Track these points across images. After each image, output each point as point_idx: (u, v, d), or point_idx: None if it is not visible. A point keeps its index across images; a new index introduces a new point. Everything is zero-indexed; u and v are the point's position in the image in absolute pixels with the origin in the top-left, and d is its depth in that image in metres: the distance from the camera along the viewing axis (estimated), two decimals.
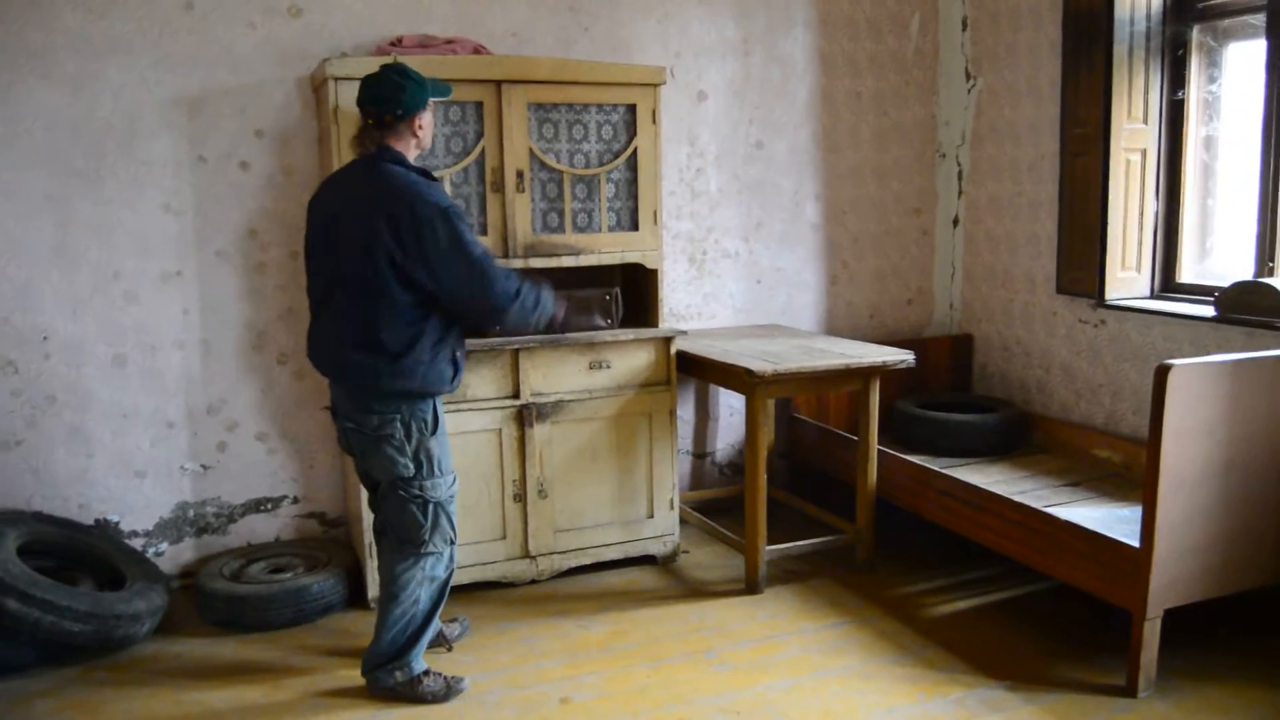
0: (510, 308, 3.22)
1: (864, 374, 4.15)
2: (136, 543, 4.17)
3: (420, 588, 3.31)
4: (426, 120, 3.25)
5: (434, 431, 3.25)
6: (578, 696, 3.34)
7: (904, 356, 4.15)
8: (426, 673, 3.35)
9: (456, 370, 3.28)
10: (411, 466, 3.21)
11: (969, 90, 5.23)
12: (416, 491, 3.22)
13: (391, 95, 3.15)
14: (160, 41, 4.00)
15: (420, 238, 3.05)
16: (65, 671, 3.54)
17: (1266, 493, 3.33)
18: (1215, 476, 3.20)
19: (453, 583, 4.01)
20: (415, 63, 3.84)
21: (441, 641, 3.65)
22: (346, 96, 3.78)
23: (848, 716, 3.18)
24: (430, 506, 3.25)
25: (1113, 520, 3.60)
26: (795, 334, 4.74)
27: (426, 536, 3.26)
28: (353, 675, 3.45)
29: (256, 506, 4.33)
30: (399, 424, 3.18)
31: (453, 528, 3.35)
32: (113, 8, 3.92)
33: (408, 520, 3.25)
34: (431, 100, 3.26)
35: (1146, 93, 4.36)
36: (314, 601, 3.87)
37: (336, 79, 3.77)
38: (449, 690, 3.33)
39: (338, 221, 3.15)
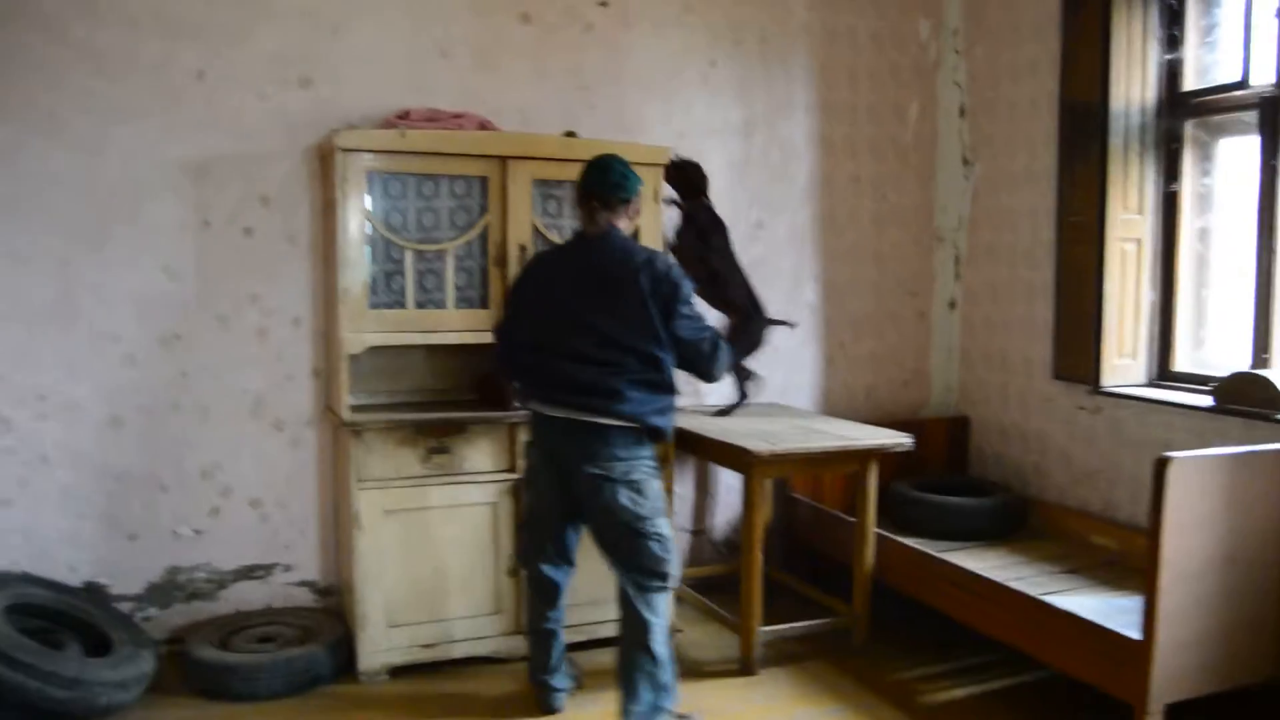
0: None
1: (862, 456, 4.16)
2: (125, 607, 4.11)
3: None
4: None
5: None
6: None
7: (902, 440, 4.16)
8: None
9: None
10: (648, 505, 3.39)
11: (966, 176, 5.31)
12: (651, 528, 3.36)
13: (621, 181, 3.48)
14: (171, 108, 4.04)
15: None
16: None
17: (1267, 586, 3.32)
18: (1216, 569, 3.19)
19: (444, 657, 4.01)
20: (422, 136, 3.91)
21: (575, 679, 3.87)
22: (354, 168, 3.83)
23: None
24: (666, 540, 3.41)
25: (1111, 610, 3.57)
26: (794, 413, 4.75)
27: (669, 569, 3.42)
28: None
29: (248, 573, 4.28)
30: (645, 466, 3.40)
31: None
32: (126, 73, 3.97)
33: (651, 558, 3.37)
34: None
35: (1141, 184, 4.43)
36: (303, 673, 3.82)
37: (345, 150, 3.81)
38: None
39: (592, 281, 3.40)
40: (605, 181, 3.44)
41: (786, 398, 5.14)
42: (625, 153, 4.12)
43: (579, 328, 3.36)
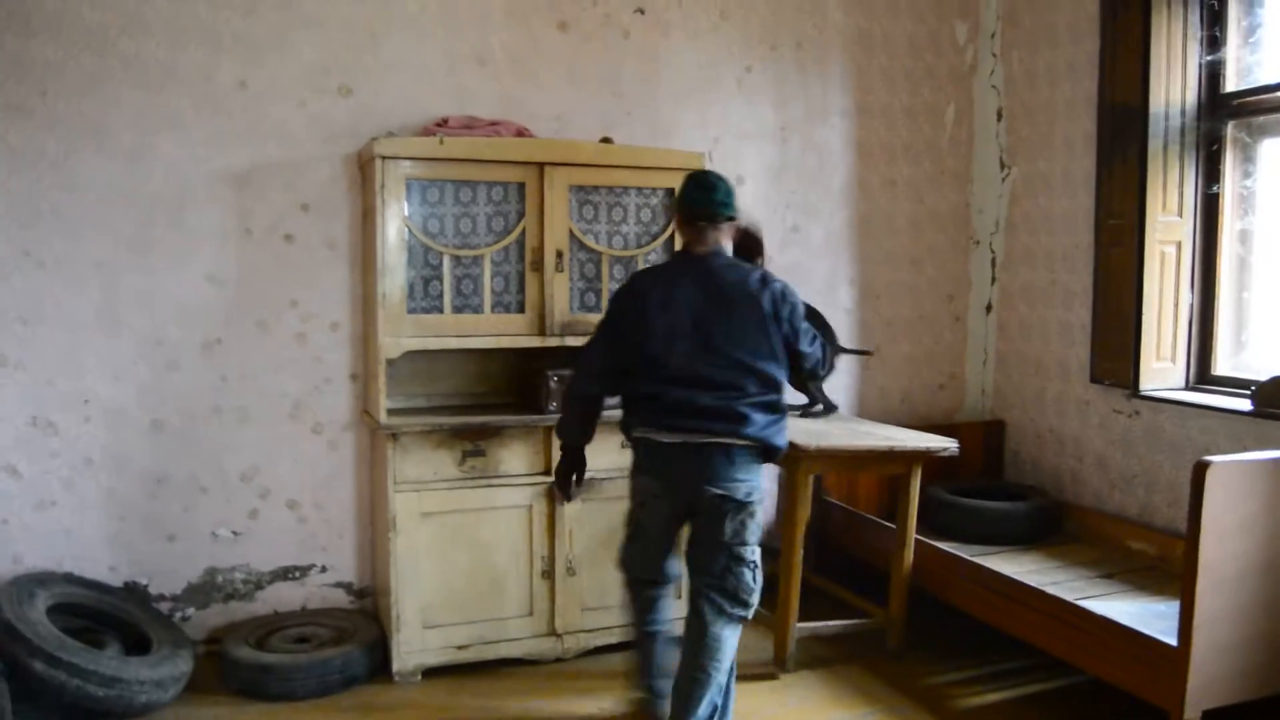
0: None
1: (906, 459, 4.14)
2: (164, 606, 4.18)
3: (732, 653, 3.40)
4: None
5: None
6: None
7: (948, 444, 4.13)
8: None
9: None
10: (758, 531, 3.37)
11: (1003, 179, 5.28)
12: (750, 555, 3.32)
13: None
14: (213, 117, 4.11)
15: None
16: None
17: None
18: (1254, 575, 3.15)
19: (478, 659, 4.04)
20: (460, 144, 3.95)
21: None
22: (393, 175, 3.87)
23: None
24: (759, 570, 3.36)
25: (1148, 615, 3.54)
26: (835, 416, 4.73)
27: (754, 600, 3.36)
28: None
29: (285, 574, 4.34)
30: (760, 490, 3.36)
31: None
32: (170, 84, 4.04)
33: (742, 584, 3.30)
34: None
35: (1181, 186, 4.38)
36: (338, 673, 3.86)
37: (384, 157, 3.86)
38: None
39: (712, 303, 3.31)
40: (713, 200, 3.36)
41: None
42: (661, 159, 4.20)
43: (701, 351, 3.27)
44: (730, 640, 3.33)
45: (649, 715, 3.57)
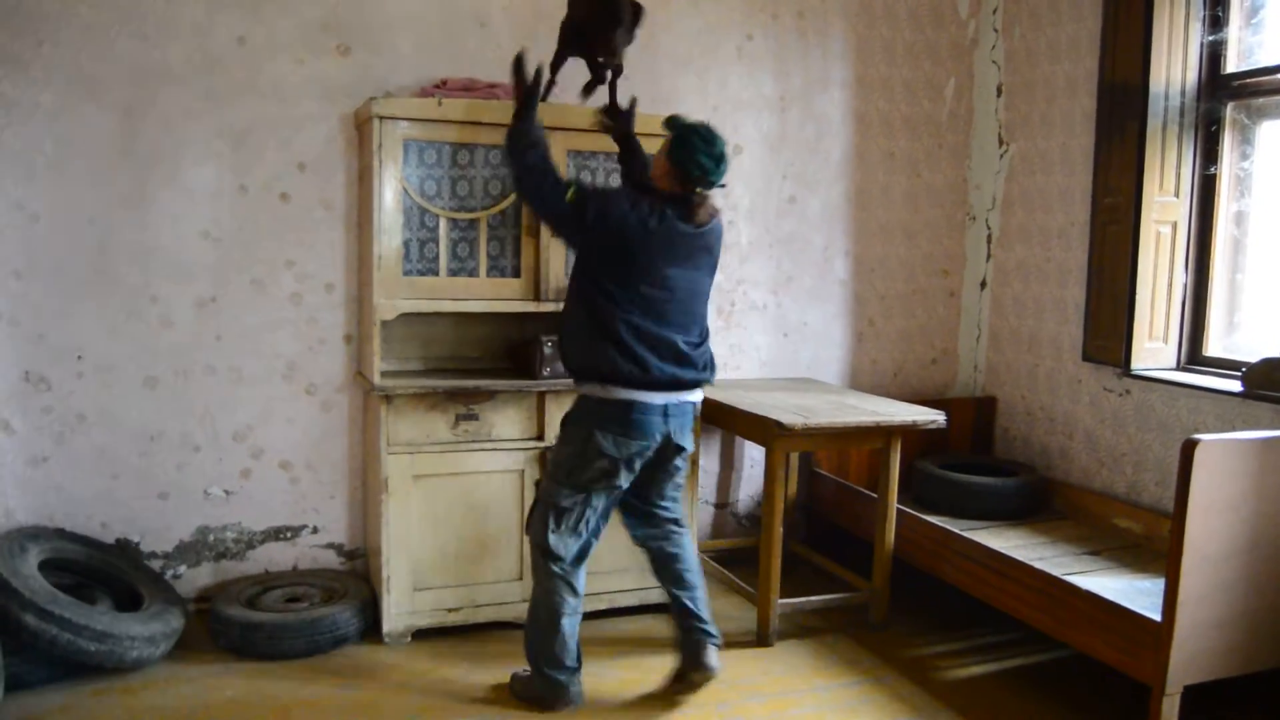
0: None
1: (885, 433, 4.16)
2: (155, 564, 4.19)
3: None
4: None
5: None
6: None
7: (934, 417, 4.16)
8: None
9: None
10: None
11: (1001, 155, 5.28)
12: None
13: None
14: (211, 74, 4.08)
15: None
16: (78, 690, 3.53)
17: None
18: (1239, 553, 3.18)
19: (468, 621, 4.06)
20: (458, 105, 3.93)
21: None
22: (391, 135, 3.85)
23: None
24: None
25: (1133, 592, 3.58)
26: (827, 389, 4.75)
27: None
28: (360, 710, 3.44)
29: (276, 534, 4.35)
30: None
31: None
32: (168, 39, 4.01)
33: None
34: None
35: (1179, 166, 4.38)
36: (328, 633, 3.87)
37: (381, 118, 3.84)
38: None
39: (695, 260, 3.41)
40: (721, 171, 3.31)
41: (814, 374, 5.16)
42: (657, 125, 4.13)
43: (686, 309, 3.40)
44: None
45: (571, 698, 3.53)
